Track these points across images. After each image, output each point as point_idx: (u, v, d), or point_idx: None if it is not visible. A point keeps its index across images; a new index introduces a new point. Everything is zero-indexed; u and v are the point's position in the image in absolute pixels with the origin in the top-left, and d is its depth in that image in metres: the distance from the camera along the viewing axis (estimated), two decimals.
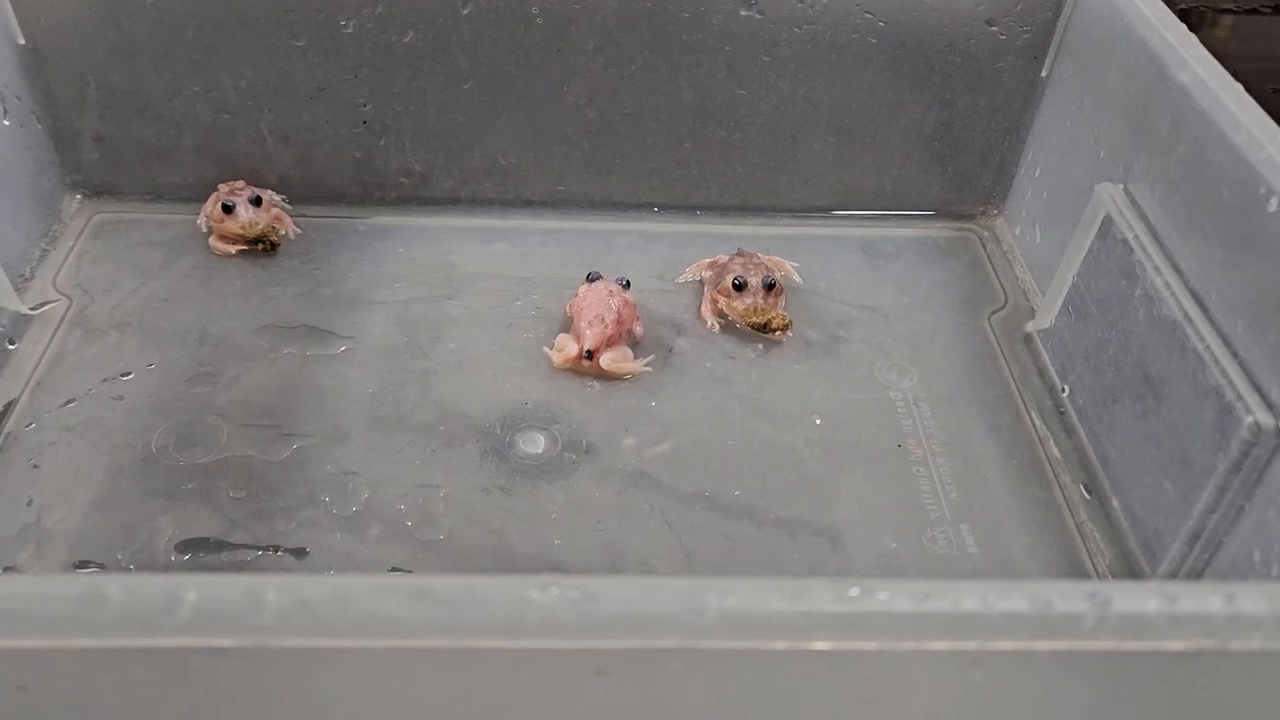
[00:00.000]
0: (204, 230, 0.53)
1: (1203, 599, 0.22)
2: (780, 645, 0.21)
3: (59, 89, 0.51)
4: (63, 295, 0.49)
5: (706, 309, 0.50)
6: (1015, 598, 0.21)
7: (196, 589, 0.21)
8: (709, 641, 0.21)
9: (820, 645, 0.21)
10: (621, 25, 0.50)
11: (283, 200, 0.54)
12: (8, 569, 0.38)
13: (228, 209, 0.51)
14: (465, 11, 0.49)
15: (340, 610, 0.21)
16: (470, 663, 0.21)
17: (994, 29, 0.50)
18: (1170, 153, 0.41)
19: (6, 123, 0.49)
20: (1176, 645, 0.22)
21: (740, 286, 0.48)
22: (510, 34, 0.50)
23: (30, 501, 0.40)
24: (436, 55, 0.50)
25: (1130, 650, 0.22)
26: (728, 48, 0.51)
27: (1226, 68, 0.40)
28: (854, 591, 0.22)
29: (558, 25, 0.50)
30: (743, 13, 0.50)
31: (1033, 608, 0.21)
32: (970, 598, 0.21)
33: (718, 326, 0.49)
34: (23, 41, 0.49)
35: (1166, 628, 0.22)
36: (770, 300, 0.48)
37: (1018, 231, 0.55)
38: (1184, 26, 0.42)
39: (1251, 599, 0.22)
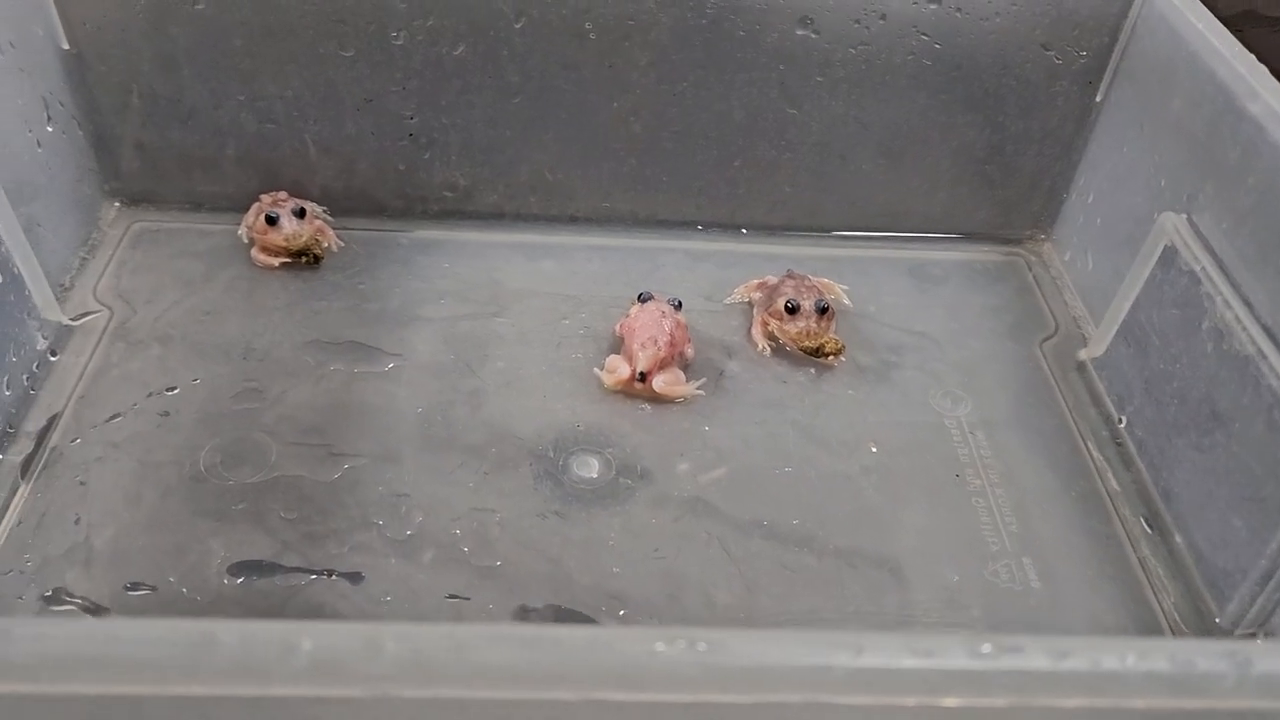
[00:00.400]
0: (245, 241, 0.52)
1: None
2: (910, 701, 0.21)
3: (101, 96, 0.50)
4: (104, 306, 0.48)
5: (757, 331, 0.49)
6: (1156, 657, 0.21)
7: (312, 636, 0.20)
8: (839, 697, 0.21)
9: (951, 702, 0.21)
10: (675, 42, 0.49)
11: (324, 212, 0.53)
12: (56, 589, 0.37)
13: (271, 220, 0.50)
14: (518, 25, 0.49)
15: (458, 659, 0.20)
16: (592, 715, 0.21)
17: (1050, 53, 0.50)
18: (1239, 184, 0.40)
19: (50, 129, 0.48)
20: None
21: (793, 310, 0.47)
22: (562, 49, 0.49)
23: (78, 519, 0.39)
24: (487, 68, 0.50)
25: (1269, 710, 0.21)
26: (781, 66, 0.50)
27: None
28: (987, 649, 0.21)
29: (611, 41, 0.49)
30: (798, 32, 0.49)
31: (1173, 667, 0.21)
32: (1110, 656, 0.21)
33: (769, 350, 0.48)
34: (67, 47, 0.48)
35: None
36: (823, 324, 0.48)
37: (1067, 257, 0.54)
38: (1253, 56, 0.42)
39: None
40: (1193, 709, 0.21)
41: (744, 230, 0.55)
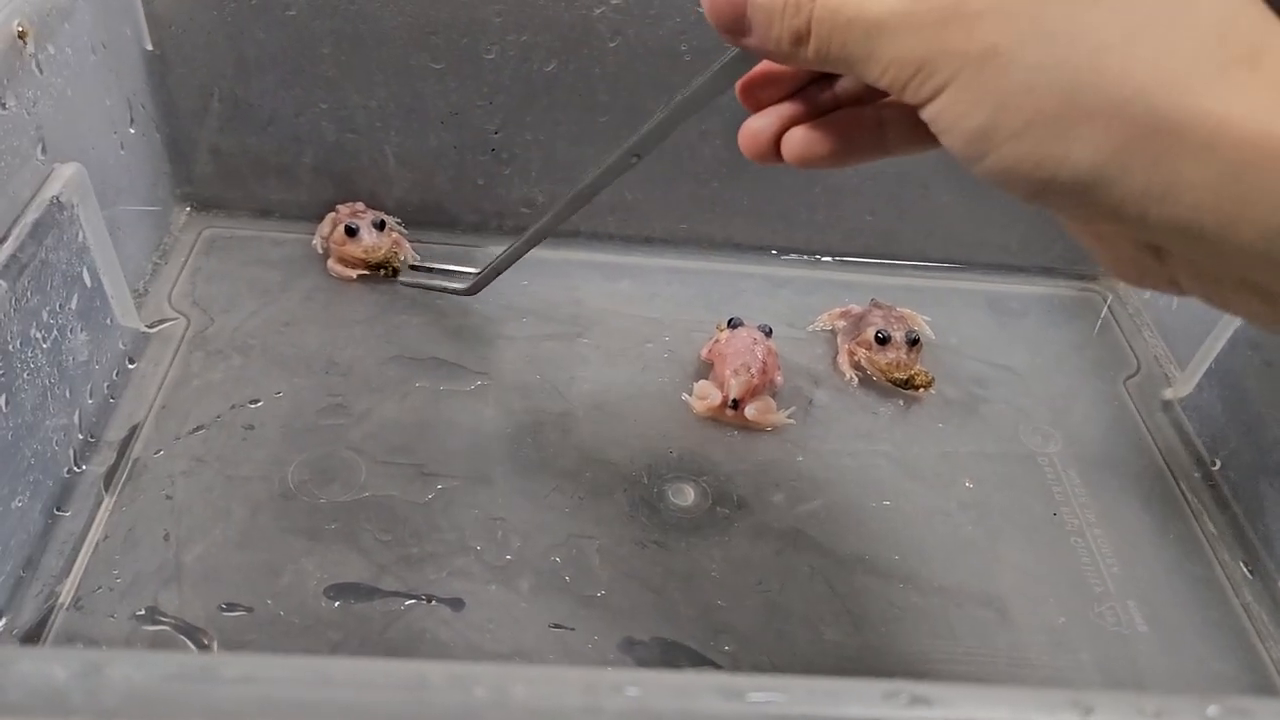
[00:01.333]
0: (319, 251, 0.51)
1: None
2: None
3: (181, 98, 0.49)
4: (179, 313, 0.47)
5: (844, 360, 0.48)
6: None
7: (525, 684, 0.19)
8: None
9: None
10: None
11: (399, 223, 0.52)
12: (149, 608, 0.36)
13: (351, 232, 0.49)
14: (613, 44, 0.48)
15: (680, 708, 0.19)
16: None
17: None
18: None
19: (132, 131, 0.47)
20: None
21: (884, 340, 0.47)
22: (655, 69, 0.49)
23: (167, 535, 0.38)
24: (577, 86, 0.49)
25: None
26: None
27: None
28: (1213, 710, 0.20)
29: (705, 64, 0.48)
30: None
31: None
32: None
33: (856, 380, 0.48)
34: (150, 48, 0.47)
35: None
36: (913, 356, 0.47)
37: (1147, 295, 0.54)
38: None
39: None
40: None
41: (822, 257, 0.55)
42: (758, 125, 0.30)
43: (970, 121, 0.21)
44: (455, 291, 0.46)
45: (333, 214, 0.51)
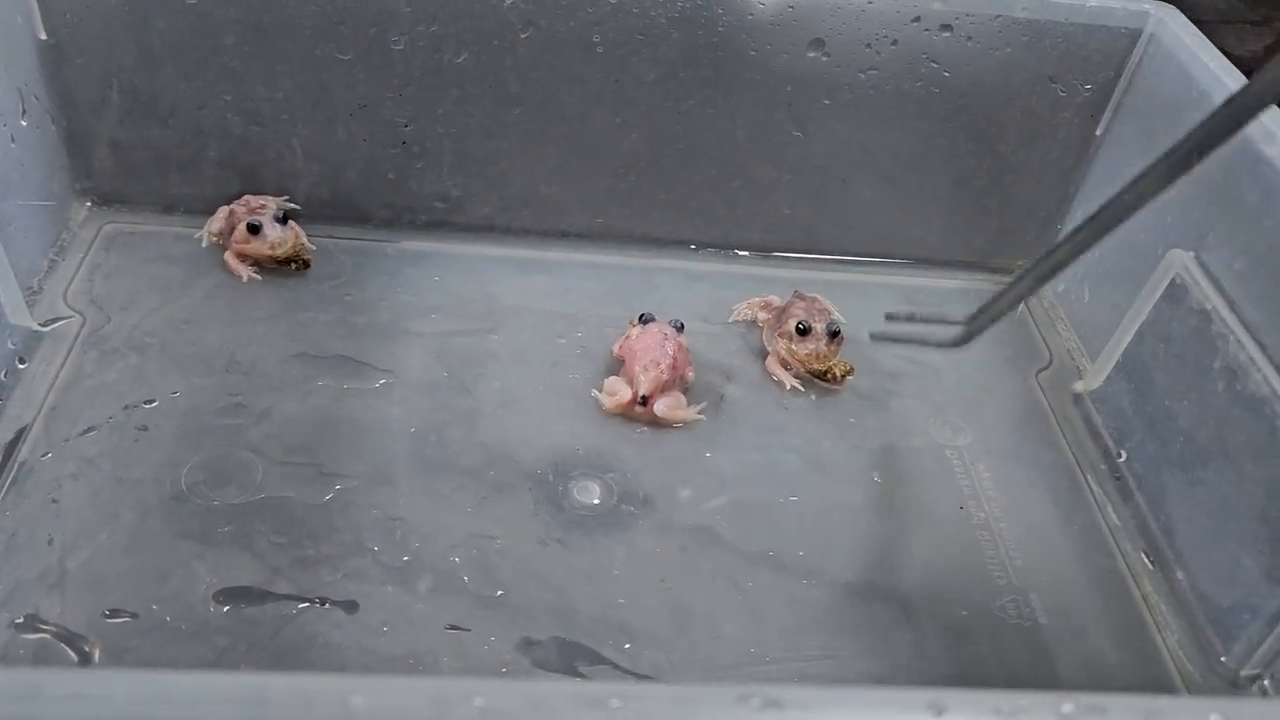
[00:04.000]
0: (202, 246, 0.49)
1: None
2: None
3: (78, 90, 0.48)
4: (75, 311, 0.46)
5: (773, 363, 0.48)
6: (1246, 716, 0.20)
7: (365, 695, 0.18)
8: None
9: None
10: (684, 59, 0.48)
11: (287, 200, 0.51)
12: (29, 616, 0.35)
13: (254, 229, 0.48)
14: (524, 35, 0.47)
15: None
16: None
17: (1055, 85, 0.50)
18: (1256, 226, 0.40)
19: (24, 123, 0.45)
20: None
21: (804, 331, 0.46)
22: (568, 61, 0.48)
23: (51, 540, 0.37)
24: (488, 78, 0.48)
25: None
26: (789, 88, 0.49)
27: None
28: (1068, 708, 0.20)
29: (619, 56, 0.48)
30: (810, 54, 0.48)
31: None
32: (1192, 717, 0.20)
33: (798, 385, 0.47)
34: (44, 37, 0.46)
35: None
36: (832, 348, 0.47)
37: (1061, 289, 0.54)
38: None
39: None
40: None
41: (741, 251, 0.55)
42: None
43: None
44: (941, 345, 0.41)
45: (225, 209, 0.50)
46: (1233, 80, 0.43)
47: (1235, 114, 0.30)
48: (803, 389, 0.47)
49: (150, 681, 0.18)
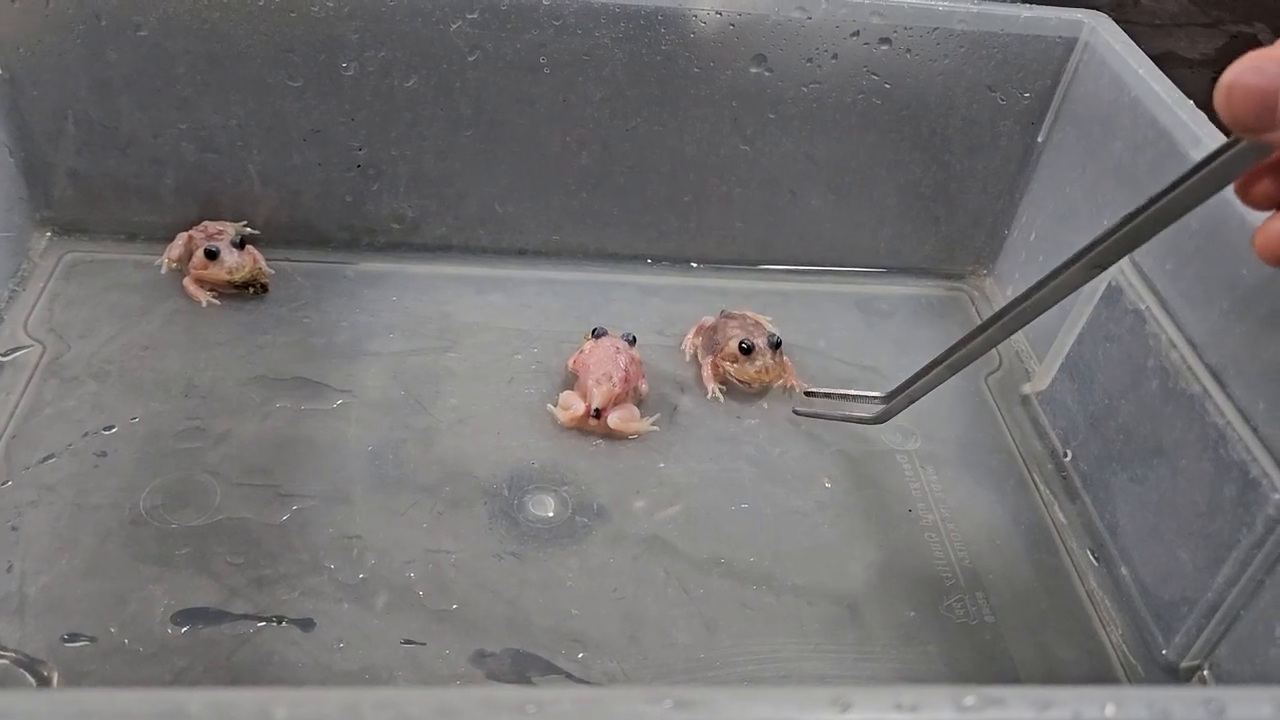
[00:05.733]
0: (162, 274, 0.50)
1: None
2: None
3: (34, 121, 0.48)
4: (35, 341, 0.46)
5: (708, 375, 0.49)
6: (1134, 705, 0.21)
7: (288, 705, 0.19)
8: None
9: None
10: (630, 78, 0.49)
11: (245, 225, 0.51)
12: None
13: (211, 255, 0.48)
14: (472, 58, 0.48)
15: None
16: None
17: (995, 94, 0.51)
18: (1183, 228, 0.41)
19: None
20: None
21: (749, 350, 0.47)
22: (517, 83, 0.49)
23: (10, 567, 0.38)
24: (439, 101, 0.49)
25: None
26: (734, 103, 0.50)
27: None
28: (970, 700, 0.21)
29: (566, 76, 0.49)
30: (752, 70, 0.49)
31: (1150, 715, 0.21)
32: (1091, 706, 0.21)
33: (721, 395, 0.48)
34: (1, 72, 0.47)
35: None
36: (778, 359, 0.48)
37: (1009, 292, 0.55)
38: (1192, 103, 0.43)
39: None
40: None
41: (694, 264, 0.55)
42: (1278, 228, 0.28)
43: None
44: (861, 421, 0.46)
45: (184, 236, 0.50)
46: (1161, 86, 0.44)
47: (1153, 220, 0.32)
48: (722, 399, 0.48)
49: (71, 700, 0.19)
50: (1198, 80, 0.81)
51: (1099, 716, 0.21)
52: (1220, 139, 0.41)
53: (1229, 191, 0.39)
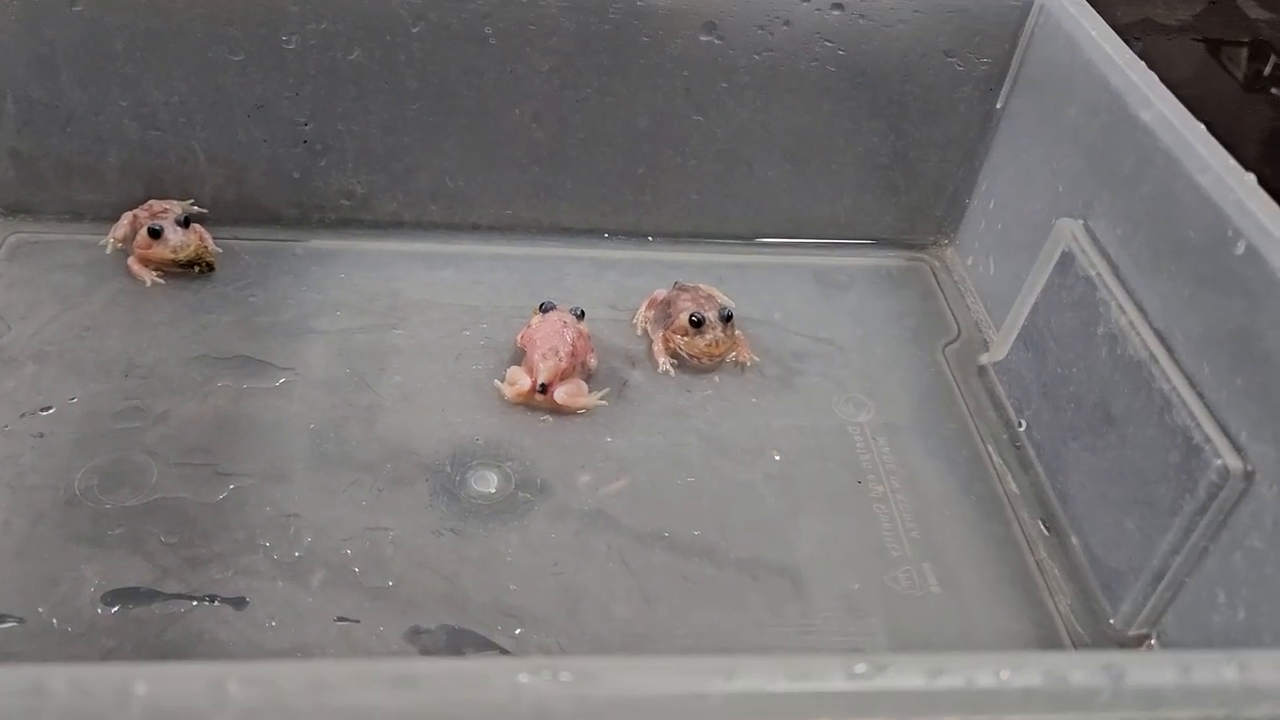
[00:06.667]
0: (107, 253, 0.49)
1: (1217, 669, 0.21)
2: None
3: None
4: None
5: (659, 349, 0.48)
6: (1030, 672, 0.20)
7: (148, 681, 0.19)
8: None
9: None
10: (579, 47, 0.48)
11: (191, 204, 0.51)
12: None
13: (155, 234, 0.48)
14: (415, 30, 0.47)
15: (316, 701, 0.19)
16: None
17: (952, 59, 0.50)
18: (1134, 191, 0.41)
19: None
20: (1189, 715, 0.21)
21: (699, 323, 0.47)
22: (462, 54, 0.48)
23: None
24: (384, 74, 0.48)
25: None
26: (686, 73, 0.50)
27: None
28: (861, 668, 0.20)
29: (512, 46, 0.48)
30: (703, 38, 0.49)
31: (1047, 682, 0.21)
32: (984, 673, 0.20)
33: (671, 369, 0.48)
34: None
35: (1181, 698, 0.21)
36: (729, 332, 0.47)
37: (969, 262, 0.55)
38: (1144, 64, 0.43)
39: (1264, 668, 0.21)
40: None
41: (650, 238, 0.55)
42: None
43: None
44: None
45: (129, 215, 0.50)
46: (1114, 48, 0.44)
47: None
48: (673, 373, 0.47)
49: None
50: (1176, 47, 0.80)
51: (992, 683, 0.20)
52: (1172, 101, 0.41)
53: (1179, 152, 0.39)
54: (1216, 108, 0.64)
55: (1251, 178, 0.36)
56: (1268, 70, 0.79)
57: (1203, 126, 0.39)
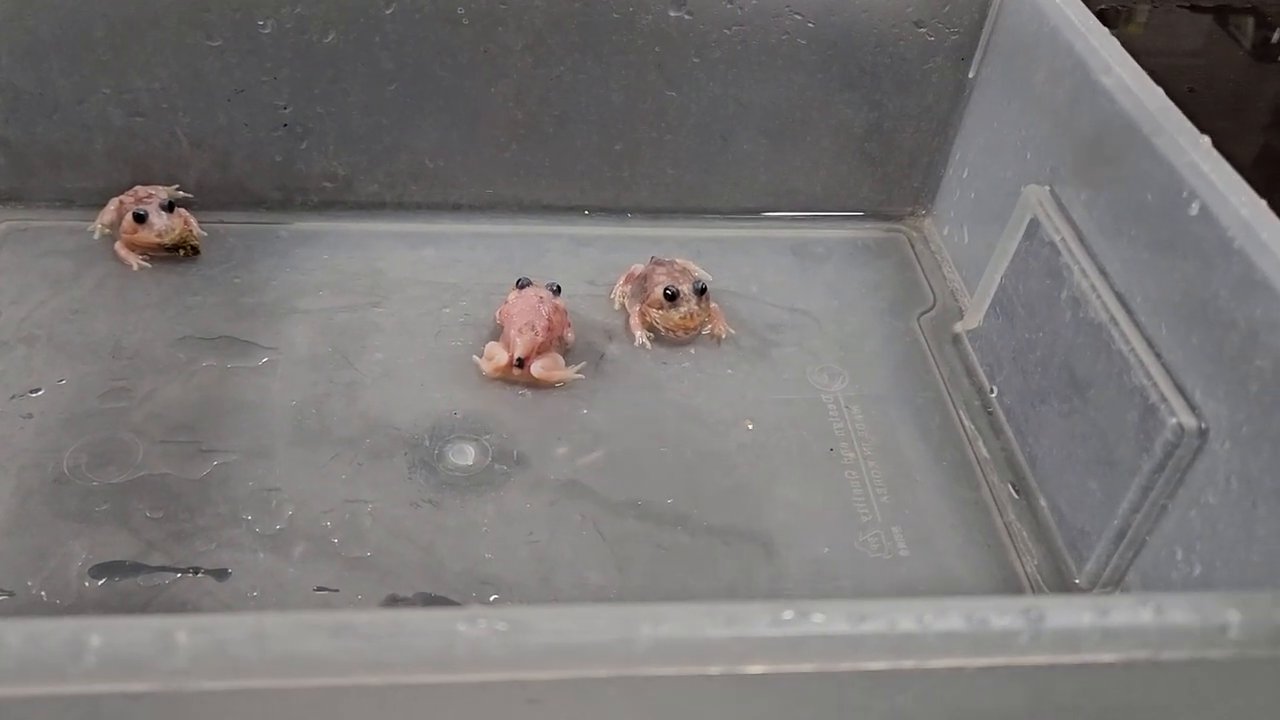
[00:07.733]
0: (95, 239, 0.50)
1: (1134, 611, 0.22)
2: (715, 670, 0.21)
3: None
4: None
5: (636, 323, 0.49)
6: (951, 616, 0.21)
7: (101, 633, 0.20)
8: (643, 669, 0.21)
9: (755, 669, 0.21)
10: (550, 26, 0.49)
11: (176, 189, 0.52)
12: None
13: (140, 218, 0.49)
14: (389, 11, 0.48)
15: (258, 650, 0.20)
16: (398, 699, 0.21)
17: (922, 30, 0.51)
18: (1096, 155, 0.41)
19: None
20: (1109, 657, 0.22)
21: (673, 296, 0.47)
22: (436, 34, 0.49)
23: None
24: (360, 56, 0.49)
25: (1064, 663, 0.22)
26: (658, 49, 0.50)
27: (1141, 65, 0.41)
28: (788, 615, 0.21)
29: (485, 26, 0.49)
30: (672, 14, 0.49)
31: (968, 626, 0.21)
32: (906, 618, 0.21)
33: (648, 343, 0.48)
34: None
35: (1100, 640, 0.22)
36: (703, 305, 0.48)
37: (945, 232, 0.55)
38: (1106, 30, 0.43)
39: (1181, 610, 0.22)
40: (989, 666, 0.21)
41: (628, 214, 0.55)
42: None
43: None
44: None
45: (116, 201, 0.51)
46: (1076, 14, 0.44)
47: None
48: (649, 346, 0.48)
49: None
50: (1155, 16, 0.79)
51: (914, 627, 0.21)
52: (1132, 65, 0.41)
53: (1138, 116, 0.39)
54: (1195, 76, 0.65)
55: (1206, 140, 0.37)
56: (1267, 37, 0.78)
57: (1160, 90, 0.39)
